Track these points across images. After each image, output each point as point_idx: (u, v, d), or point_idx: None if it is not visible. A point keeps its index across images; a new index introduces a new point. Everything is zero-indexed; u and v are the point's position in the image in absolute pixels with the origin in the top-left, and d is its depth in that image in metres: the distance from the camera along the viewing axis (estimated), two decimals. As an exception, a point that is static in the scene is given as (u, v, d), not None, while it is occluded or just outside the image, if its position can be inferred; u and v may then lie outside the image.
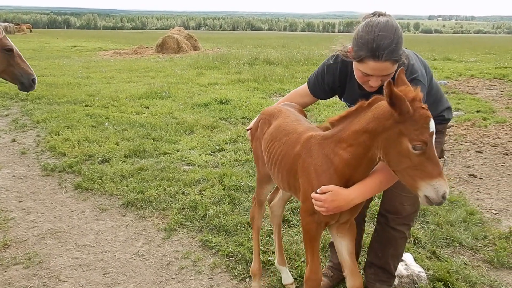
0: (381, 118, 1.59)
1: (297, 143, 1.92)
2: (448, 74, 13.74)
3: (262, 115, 2.34)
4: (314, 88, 2.30)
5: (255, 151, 2.38)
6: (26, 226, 3.48)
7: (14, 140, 5.90)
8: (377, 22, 1.79)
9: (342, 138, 1.73)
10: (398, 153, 1.56)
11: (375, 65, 1.78)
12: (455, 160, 5.15)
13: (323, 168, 1.78)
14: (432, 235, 3.19)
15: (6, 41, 3.74)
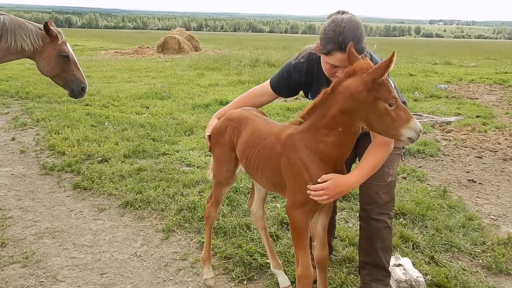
0: (354, 94, 1.75)
1: (277, 143, 2.04)
2: (448, 78, 13.75)
3: (228, 122, 2.39)
4: (277, 86, 2.45)
5: (218, 156, 2.46)
6: (24, 225, 3.47)
7: (13, 138, 5.89)
8: (342, 18, 1.98)
9: (321, 125, 1.88)
10: (378, 115, 1.76)
11: (342, 57, 1.95)
12: (454, 165, 5.14)
13: (309, 159, 1.91)
14: (430, 240, 3.18)
15: (64, 47, 3.76)
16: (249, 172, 2.31)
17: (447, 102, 9.35)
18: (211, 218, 2.68)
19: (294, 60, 2.38)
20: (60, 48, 3.74)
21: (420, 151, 5.51)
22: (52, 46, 3.75)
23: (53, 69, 3.81)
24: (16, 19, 3.75)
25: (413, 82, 11.68)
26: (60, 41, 3.74)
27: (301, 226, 2.00)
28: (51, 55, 3.77)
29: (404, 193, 4.07)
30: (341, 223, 3.48)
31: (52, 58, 3.77)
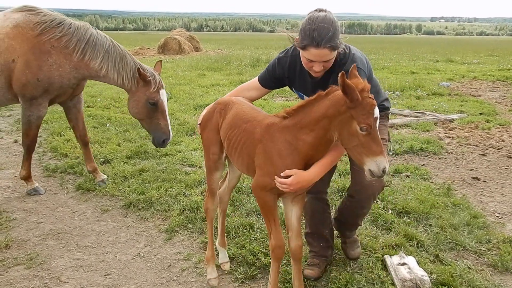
0: (337, 105, 1.87)
1: (258, 129, 2.17)
2: (450, 76, 13.71)
3: (216, 105, 2.53)
4: (264, 79, 2.59)
5: (206, 140, 2.56)
6: (28, 226, 3.47)
7: (16, 141, 5.89)
8: (317, 15, 2.10)
9: (304, 124, 2.01)
10: (349, 133, 1.86)
11: (316, 52, 2.09)
12: (458, 163, 5.12)
13: (287, 152, 2.05)
14: (435, 238, 3.16)
15: (155, 95, 3.73)
16: (228, 153, 2.43)
17: (449, 99, 9.31)
18: (210, 210, 2.73)
19: (280, 53, 2.55)
20: (150, 95, 3.71)
21: (423, 149, 5.49)
22: (143, 91, 3.73)
23: (139, 113, 3.80)
24: (118, 48, 3.76)
25: (415, 80, 11.65)
26: (153, 89, 3.70)
27: (269, 203, 2.18)
28: (141, 100, 3.75)
29: (407, 192, 4.05)
30: (345, 222, 3.46)
31: (140, 103, 3.76)
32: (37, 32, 3.60)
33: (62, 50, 3.63)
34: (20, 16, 3.68)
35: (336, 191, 3.99)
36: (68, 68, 3.67)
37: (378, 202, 3.74)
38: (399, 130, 6.61)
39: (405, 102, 8.91)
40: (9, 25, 3.62)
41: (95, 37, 3.69)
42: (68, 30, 3.65)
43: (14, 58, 3.58)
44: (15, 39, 3.58)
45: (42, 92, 3.66)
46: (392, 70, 15.32)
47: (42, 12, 3.71)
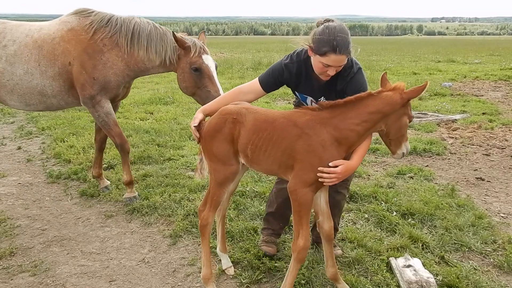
0: (394, 104, 2.16)
1: (292, 126, 2.25)
2: (452, 76, 13.69)
3: (226, 115, 2.43)
4: (267, 83, 2.65)
5: (219, 152, 2.44)
6: (32, 233, 3.47)
7: (19, 147, 5.92)
8: (335, 25, 2.34)
9: (350, 117, 2.20)
10: (399, 126, 2.21)
11: (335, 58, 2.32)
12: (461, 163, 5.10)
13: (330, 142, 2.20)
14: (440, 239, 3.15)
15: (197, 59, 3.53)
16: (250, 159, 2.38)
17: (452, 100, 9.30)
18: (209, 225, 2.56)
19: (285, 60, 2.64)
20: (192, 61, 3.52)
21: (427, 150, 5.48)
22: (185, 59, 3.57)
23: (188, 86, 3.61)
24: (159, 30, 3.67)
25: (417, 81, 11.63)
26: (193, 54, 3.52)
27: (309, 203, 2.26)
28: (185, 69, 3.58)
29: (411, 193, 4.04)
30: (349, 224, 3.45)
31: (186, 73, 3.58)
32: (90, 33, 3.62)
33: (113, 47, 3.65)
34: (74, 19, 3.72)
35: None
36: (121, 66, 3.67)
37: (382, 204, 3.73)
38: (402, 131, 6.59)
39: (408, 103, 8.89)
40: (64, 29, 3.67)
41: (138, 26, 3.67)
42: (116, 27, 3.65)
43: (70, 61, 3.61)
44: (70, 42, 3.62)
45: (99, 90, 3.65)
46: (394, 71, 15.30)
47: (93, 12, 3.74)
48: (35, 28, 3.74)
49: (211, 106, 2.65)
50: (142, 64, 3.72)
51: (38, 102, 3.77)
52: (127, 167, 4.00)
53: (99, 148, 4.26)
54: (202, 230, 2.59)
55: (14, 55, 3.62)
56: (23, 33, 3.69)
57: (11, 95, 3.72)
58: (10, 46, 3.64)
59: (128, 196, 3.98)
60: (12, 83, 3.66)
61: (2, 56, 3.63)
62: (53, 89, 3.69)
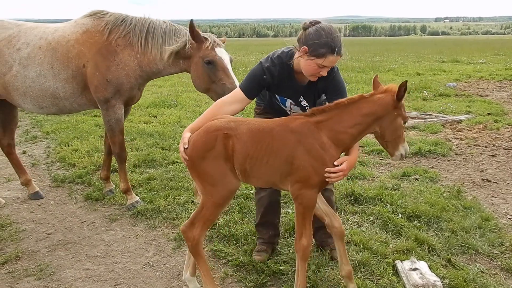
0: (387, 106, 2.22)
1: (290, 133, 2.24)
2: (457, 76, 13.63)
3: (215, 132, 2.26)
4: (251, 89, 2.57)
5: (211, 172, 2.26)
6: (37, 237, 3.48)
7: (24, 151, 5.94)
8: (327, 27, 2.37)
9: (343, 119, 2.25)
10: (394, 127, 2.26)
11: (333, 58, 2.37)
12: (467, 164, 5.06)
13: (329, 144, 2.24)
14: (446, 242, 3.12)
15: (210, 51, 3.38)
16: (250, 173, 2.28)
17: (456, 100, 9.25)
18: (201, 243, 2.39)
19: (265, 63, 2.58)
20: (205, 54, 3.37)
21: (432, 151, 5.45)
22: (197, 52, 3.43)
23: (202, 81, 3.45)
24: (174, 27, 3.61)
25: (421, 81, 11.60)
26: (206, 46, 3.37)
27: (314, 205, 2.32)
28: (198, 64, 3.43)
29: (417, 195, 4.01)
30: (354, 227, 3.43)
31: (199, 68, 3.42)
32: (105, 35, 3.62)
33: (126, 47, 3.63)
34: (89, 21, 3.72)
35: (344, 196, 3.96)
36: (133, 66, 3.65)
37: (387, 206, 3.71)
38: (406, 132, 6.56)
39: (412, 104, 8.86)
40: (78, 31, 3.68)
41: (153, 24, 3.64)
42: (129, 26, 3.64)
43: (84, 63, 3.61)
44: (85, 44, 3.62)
45: (113, 93, 3.64)
46: (397, 72, 15.27)
47: (108, 14, 3.73)
48: (49, 30, 3.75)
49: (198, 123, 2.43)
50: (154, 64, 3.68)
51: (51, 105, 3.78)
52: (123, 175, 4.00)
53: (108, 152, 4.25)
54: (195, 250, 2.38)
55: (28, 58, 3.64)
56: (37, 36, 3.70)
57: (24, 98, 3.74)
58: (23, 49, 3.65)
59: (130, 202, 3.98)
60: (24, 86, 3.67)
61: (15, 59, 3.64)
62: (65, 92, 3.69)
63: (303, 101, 2.70)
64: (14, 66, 3.65)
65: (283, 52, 2.61)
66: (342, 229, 2.48)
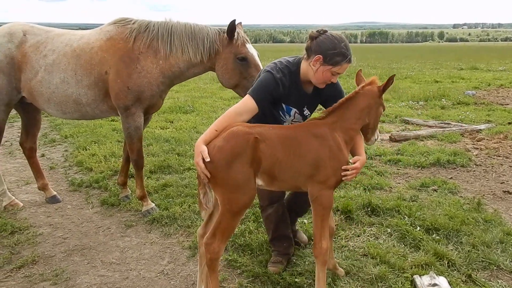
0: (375, 96, 2.44)
1: (313, 137, 2.36)
2: (476, 84, 13.41)
3: (246, 136, 2.24)
4: (262, 100, 2.53)
5: (236, 177, 2.22)
6: (54, 242, 3.51)
7: (43, 155, 6.03)
8: (338, 36, 2.48)
9: (349, 117, 2.42)
10: (377, 115, 2.51)
11: (346, 66, 2.49)
12: (487, 176, 4.95)
13: (343, 143, 2.40)
14: (467, 257, 3.04)
15: (242, 48, 3.43)
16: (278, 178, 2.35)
17: (476, 109, 9.09)
18: (219, 258, 2.37)
19: (276, 73, 2.57)
20: (237, 50, 3.42)
21: (451, 161, 5.34)
22: (229, 49, 3.47)
23: (232, 77, 3.47)
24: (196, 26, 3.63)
25: (439, 89, 11.43)
26: (236, 42, 3.43)
27: (332, 204, 2.45)
28: (229, 59, 3.46)
29: (436, 207, 3.93)
30: (371, 239, 3.37)
31: (229, 64, 3.46)
32: (129, 42, 3.64)
33: (149, 55, 3.64)
34: (113, 28, 3.77)
35: (361, 207, 3.90)
36: (156, 74, 3.65)
37: (405, 219, 3.64)
38: (424, 141, 6.46)
39: (430, 113, 8.74)
40: (103, 38, 3.72)
41: (175, 27, 3.66)
42: (153, 32, 3.65)
43: (106, 70, 3.65)
44: (108, 51, 3.65)
45: (134, 101, 3.66)
46: (415, 79, 15.10)
47: (132, 21, 3.76)
48: (75, 37, 3.81)
49: (211, 135, 2.33)
50: (177, 67, 3.68)
51: (74, 110, 3.83)
52: (140, 182, 4.01)
53: (126, 158, 4.27)
54: (212, 265, 2.34)
55: (53, 64, 3.70)
56: (63, 43, 3.76)
57: (48, 103, 3.80)
58: (49, 55, 3.72)
59: (146, 208, 3.99)
60: (49, 92, 3.73)
61: (41, 65, 3.71)
62: (87, 98, 3.74)
63: (306, 110, 2.77)
64: (40, 72, 3.71)
65: (288, 61, 2.65)
66: (334, 229, 2.78)
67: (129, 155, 3.99)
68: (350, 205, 3.83)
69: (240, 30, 3.57)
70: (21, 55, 3.73)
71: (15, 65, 3.73)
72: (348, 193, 4.26)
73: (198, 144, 2.29)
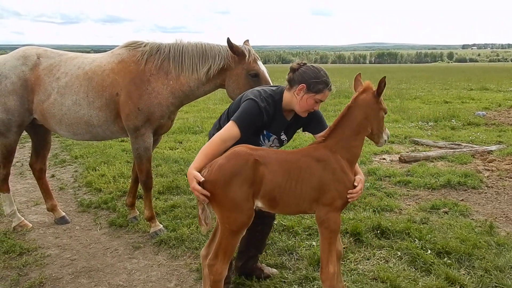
0: (371, 103, 2.43)
1: (315, 161, 2.36)
2: (486, 104, 13.34)
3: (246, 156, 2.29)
4: (247, 127, 2.58)
5: (234, 196, 2.26)
6: (62, 263, 3.51)
7: (53, 175, 6.08)
8: (318, 66, 2.65)
9: (348, 134, 2.41)
10: (379, 121, 2.47)
11: (328, 93, 2.64)
12: (500, 198, 4.87)
13: (346, 166, 2.39)
14: (479, 281, 2.97)
15: (254, 65, 3.55)
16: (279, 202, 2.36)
17: (486, 130, 9.01)
18: (223, 280, 2.40)
19: (259, 101, 2.63)
20: (249, 67, 3.52)
21: (462, 183, 5.27)
22: (240, 66, 3.56)
23: (242, 92, 3.42)
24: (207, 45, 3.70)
25: (449, 110, 11.39)
26: (249, 59, 3.53)
27: (339, 227, 2.41)
28: (240, 76, 3.55)
29: (447, 229, 3.86)
30: (381, 262, 3.32)
31: (241, 80, 3.55)
32: (141, 65, 3.71)
33: (160, 76, 3.70)
34: (125, 51, 3.85)
35: (370, 229, 3.84)
36: (166, 95, 3.70)
37: (415, 241, 3.58)
38: (434, 162, 6.39)
39: (440, 133, 8.68)
40: (114, 61, 3.80)
41: (186, 47, 3.71)
42: (164, 53, 3.71)
43: (117, 92, 3.71)
44: (119, 73, 3.72)
45: (144, 121, 3.71)
46: (424, 100, 15.07)
47: (143, 44, 3.83)
48: (87, 60, 3.89)
49: (200, 162, 2.41)
50: (187, 86, 3.71)
51: (85, 132, 3.88)
52: (148, 203, 4.02)
53: (135, 179, 4.29)
54: (216, 286, 2.39)
55: (65, 87, 3.77)
56: (75, 66, 3.84)
57: (60, 125, 3.86)
58: (62, 78, 3.80)
59: (154, 230, 3.98)
60: (61, 113, 3.79)
61: (54, 88, 3.78)
62: (99, 119, 3.79)
63: (283, 135, 2.86)
64: (53, 94, 3.78)
65: (272, 90, 2.76)
66: (342, 251, 2.66)
67: (138, 176, 4.01)
68: (359, 227, 3.78)
69: (250, 47, 3.63)
70: (34, 77, 3.82)
71: (28, 87, 3.82)
72: (357, 215, 4.21)
73: (189, 172, 2.38)
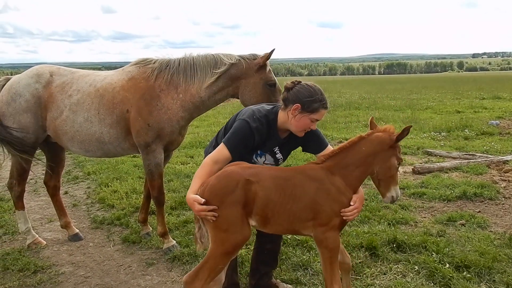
0: (383, 144, 2.36)
1: (310, 180, 2.35)
2: (499, 114, 13.17)
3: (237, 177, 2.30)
4: (236, 149, 2.57)
5: (226, 217, 2.27)
6: (76, 281, 3.50)
7: (66, 192, 6.12)
8: (313, 85, 2.59)
9: (349, 163, 2.38)
10: (388, 167, 2.37)
11: (324, 112, 2.57)
12: (518, 209, 4.76)
13: (343, 186, 2.37)
14: (501, 296, 2.89)
15: (271, 75, 3.66)
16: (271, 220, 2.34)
17: (501, 139, 8.88)
18: None
19: (251, 122, 2.60)
20: (267, 77, 3.62)
21: (478, 194, 5.17)
22: (258, 75, 3.64)
23: (259, 100, 3.59)
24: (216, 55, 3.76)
25: (462, 120, 11.27)
26: (268, 68, 3.65)
27: (338, 246, 2.38)
28: (258, 85, 3.63)
29: (465, 242, 3.77)
30: (398, 277, 3.25)
31: (258, 88, 3.63)
32: (151, 81, 3.75)
33: (170, 91, 3.72)
34: (135, 69, 3.90)
35: (386, 243, 3.78)
36: (176, 109, 3.72)
37: (433, 255, 3.50)
38: (449, 173, 6.30)
39: (453, 144, 8.57)
40: (125, 78, 3.85)
41: (196, 58, 3.75)
42: (174, 67, 3.75)
43: (128, 108, 3.74)
44: (129, 90, 3.76)
45: (154, 138, 3.73)
46: (436, 110, 14.95)
47: (153, 61, 3.88)
48: (99, 78, 3.94)
49: (196, 185, 2.45)
50: (198, 97, 3.72)
51: (96, 149, 3.91)
52: (161, 219, 4.02)
53: (147, 195, 4.30)
54: None
55: (77, 104, 3.81)
56: (87, 83, 3.89)
57: (71, 142, 3.89)
58: (74, 95, 3.84)
59: (167, 246, 3.97)
60: (73, 130, 3.83)
61: (66, 105, 3.83)
62: (110, 136, 3.82)
63: (278, 154, 2.81)
64: (65, 111, 3.83)
65: (267, 110, 2.71)
66: (350, 265, 2.64)
67: (150, 192, 4.01)
68: (374, 241, 3.72)
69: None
70: (47, 95, 3.87)
71: (41, 105, 3.87)
72: (372, 228, 4.15)
73: (188, 198, 2.41)
